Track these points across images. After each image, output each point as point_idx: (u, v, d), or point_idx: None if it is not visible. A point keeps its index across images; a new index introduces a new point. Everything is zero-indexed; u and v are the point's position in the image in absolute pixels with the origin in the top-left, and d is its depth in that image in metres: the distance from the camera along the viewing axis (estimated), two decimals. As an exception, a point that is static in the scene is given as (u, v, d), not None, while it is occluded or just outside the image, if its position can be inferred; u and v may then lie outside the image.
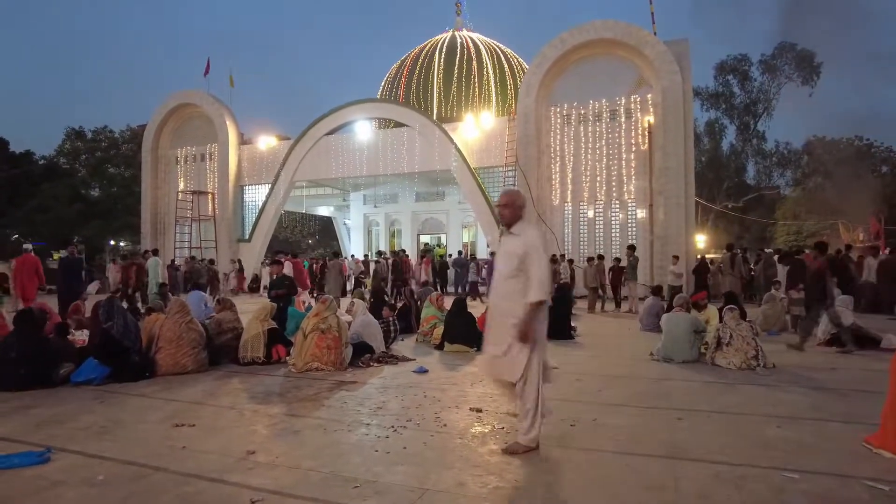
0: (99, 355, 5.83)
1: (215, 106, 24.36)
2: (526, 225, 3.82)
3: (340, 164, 22.96)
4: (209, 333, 6.82)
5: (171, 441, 3.96)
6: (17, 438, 4.01)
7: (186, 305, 6.59)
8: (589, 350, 8.18)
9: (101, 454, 3.67)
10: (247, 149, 24.77)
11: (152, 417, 4.61)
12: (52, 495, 3.05)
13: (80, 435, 4.12)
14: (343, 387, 5.71)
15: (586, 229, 18.83)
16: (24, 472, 3.37)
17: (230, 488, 3.13)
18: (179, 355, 6.16)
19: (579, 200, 18.84)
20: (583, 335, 9.48)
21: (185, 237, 24.35)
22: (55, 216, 35.44)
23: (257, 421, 4.50)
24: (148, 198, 25.60)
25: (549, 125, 19.09)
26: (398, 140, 22.00)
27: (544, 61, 18.79)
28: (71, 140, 41.48)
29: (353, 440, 4.00)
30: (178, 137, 25.68)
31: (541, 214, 18.66)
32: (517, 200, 3.83)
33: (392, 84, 28.45)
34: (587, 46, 18.50)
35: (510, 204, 3.79)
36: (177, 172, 25.58)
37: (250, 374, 6.37)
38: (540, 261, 3.61)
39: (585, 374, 6.33)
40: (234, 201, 24.37)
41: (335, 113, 22.88)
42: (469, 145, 20.61)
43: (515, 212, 3.79)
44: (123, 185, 39.18)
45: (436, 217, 28.24)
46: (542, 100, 19.02)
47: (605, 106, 18.44)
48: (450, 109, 26.13)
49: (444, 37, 28.82)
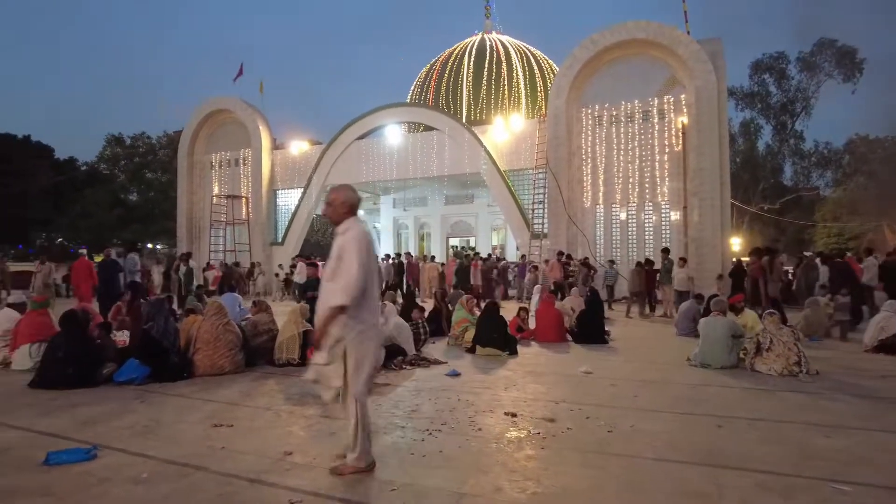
0: (140, 355, 5.99)
1: (248, 112, 24.83)
2: (351, 223, 3.41)
3: (371, 168, 23.17)
4: (245, 335, 6.94)
5: (210, 441, 4.03)
6: (65, 435, 4.14)
7: (223, 307, 6.71)
8: (623, 355, 8.05)
9: (145, 453, 3.76)
10: (280, 154, 25.18)
11: (191, 417, 4.70)
12: (100, 491, 3.13)
13: (124, 433, 4.23)
14: (376, 389, 5.72)
15: (619, 232, 18.57)
16: (73, 468, 3.48)
17: (268, 489, 3.17)
18: (217, 356, 6.29)
19: (611, 203, 18.60)
20: (616, 339, 9.34)
21: (219, 240, 24.84)
22: (97, 221, 36.62)
23: (293, 422, 4.55)
24: (184, 202, 26.21)
25: (580, 127, 18.91)
26: (428, 143, 22.09)
27: (575, 63, 18.63)
28: (111, 146, 42.84)
29: (388, 442, 4.01)
30: (213, 143, 26.24)
31: (572, 217, 18.49)
32: (339, 197, 3.46)
33: (422, 88, 28.61)
34: (619, 47, 18.28)
35: (331, 202, 3.46)
36: (211, 177, 26.14)
37: (285, 375, 6.46)
38: (350, 262, 3.22)
39: (620, 379, 6.24)
40: (267, 205, 24.78)
41: (365, 118, 23.09)
42: (499, 148, 20.56)
43: (337, 209, 3.44)
44: (160, 189, 40.25)
45: (465, 220, 28.23)
46: (573, 101, 18.86)
47: (638, 107, 18.17)
48: (479, 112, 26.13)
49: (473, 40, 28.85)
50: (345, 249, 3.28)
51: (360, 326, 3.29)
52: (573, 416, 4.69)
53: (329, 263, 3.38)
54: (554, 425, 4.42)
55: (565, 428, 4.34)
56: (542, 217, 19.26)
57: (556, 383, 6.09)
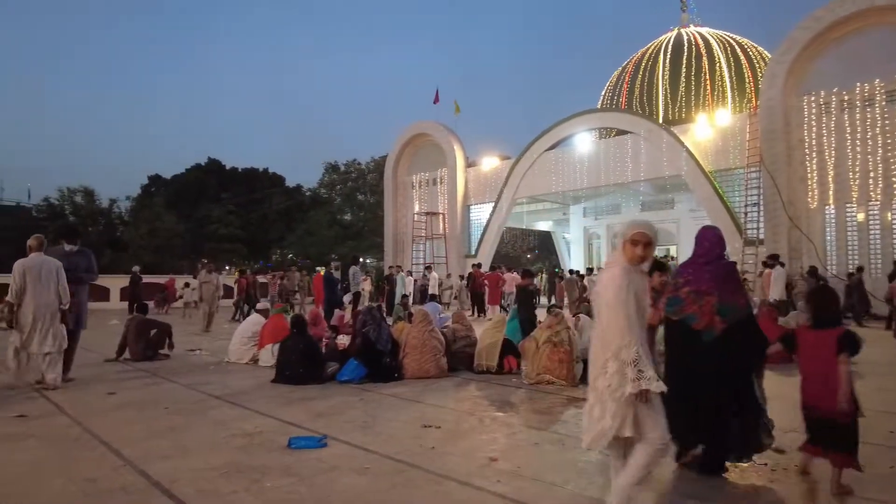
0: (360, 356, 6.64)
1: (444, 133, 26.39)
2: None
3: (560, 178, 23.01)
4: (447, 341, 7.30)
5: (421, 441, 4.28)
6: (301, 425, 4.73)
7: (430, 315, 7.17)
8: (873, 380, 6.76)
9: (366, 447, 4.12)
10: (472, 171, 26.33)
11: (403, 417, 5.05)
12: (331, 477, 3.50)
13: (347, 427, 4.69)
14: (576, 403, 5.58)
15: (856, 235, 15.81)
16: (309, 453, 3.94)
17: (477, 493, 3.24)
18: (423, 360, 6.71)
19: (845, 202, 15.92)
20: (866, 362, 7.86)
21: (419, 254, 26.71)
22: (318, 239, 41.85)
23: (496, 429, 4.63)
24: (390, 220, 28.72)
25: (802, 117, 16.58)
26: (621, 148, 21.25)
27: (793, 45, 16.44)
28: (329, 173, 48.71)
29: (593, 459, 3.86)
30: (414, 164, 28.40)
31: (793, 219, 16.23)
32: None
33: (613, 92, 27.70)
34: (850, 20, 15.68)
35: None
36: (413, 196, 28.27)
37: (485, 382, 6.63)
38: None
39: (869, 410, 5.21)
40: (461, 220, 26.03)
41: (556, 128, 23.04)
42: (702, 147, 18.95)
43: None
44: (370, 209, 44.64)
45: (664, 227, 26.42)
46: (791, 89, 16.63)
47: (880, 87, 15.37)
48: (677, 111, 24.44)
49: (668, 36, 27.16)
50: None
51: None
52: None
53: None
54: (784, 458, 3.86)
55: (798, 462, 3.76)
56: (757, 221, 17.22)
57: (784, 410, 5.32)
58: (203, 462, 3.75)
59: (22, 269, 6.09)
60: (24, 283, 6.07)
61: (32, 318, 6.05)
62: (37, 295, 6.07)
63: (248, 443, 4.22)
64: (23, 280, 6.07)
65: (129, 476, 3.50)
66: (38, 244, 6.30)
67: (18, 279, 6.06)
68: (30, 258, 6.19)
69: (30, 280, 6.08)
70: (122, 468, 3.65)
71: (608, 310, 2.71)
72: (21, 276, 6.07)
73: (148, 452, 3.95)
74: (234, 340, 8.42)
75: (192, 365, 8.15)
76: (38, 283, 6.09)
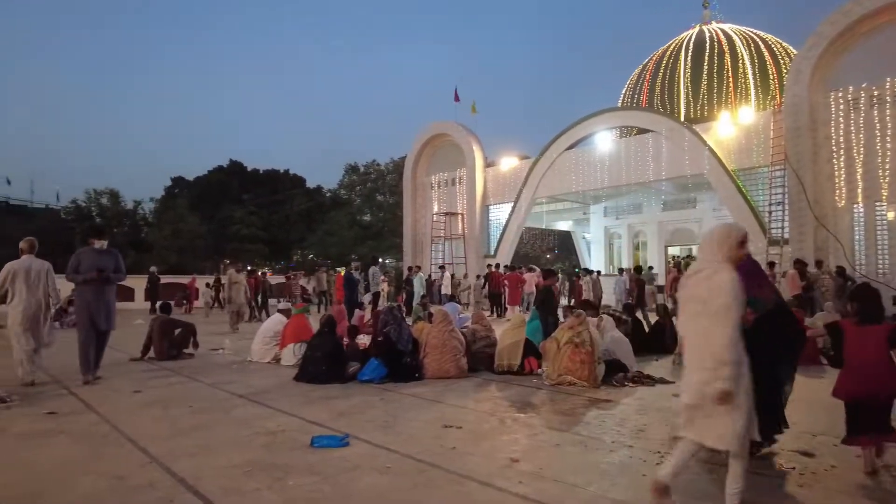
0: (381, 355, 6.66)
1: (463, 134, 26.35)
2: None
3: (580, 178, 22.82)
4: (467, 341, 7.29)
5: (441, 440, 4.28)
6: (323, 424, 4.76)
7: (450, 315, 7.16)
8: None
9: (387, 446, 4.13)
10: (491, 171, 26.24)
11: (424, 417, 5.06)
12: (353, 476, 3.52)
13: (368, 426, 4.71)
14: (597, 404, 5.55)
15: (886, 235, 15.41)
16: (332, 452, 3.97)
17: (499, 494, 3.23)
18: (443, 360, 6.71)
19: (875, 200, 15.53)
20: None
21: (438, 254, 26.71)
22: (338, 239, 42.12)
23: (517, 430, 4.61)
24: (409, 220, 28.77)
25: (829, 113, 16.21)
26: (642, 147, 21.00)
27: (820, 40, 16.08)
28: (349, 174, 49.00)
29: (615, 461, 3.82)
30: (433, 165, 28.41)
31: (820, 219, 15.89)
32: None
33: (633, 90, 27.42)
34: (880, 14, 15.28)
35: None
36: (431, 196, 28.28)
37: (505, 382, 6.61)
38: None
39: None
40: (480, 220, 25.96)
41: (576, 127, 22.83)
42: (725, 145, 18.65)
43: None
44: (389, 210, 44.79)
45: (686, 227, 26.09)
46: (817, 85, 16.27)
47: (911, 81, 14.98)
48: (699, 109, 24.12)
49: (689, 33, 26.81)
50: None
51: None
52: (836, 452, 3.95)
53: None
54: (813, 461, 3.78)
55: (828, 465, 3.69)
56: (782, 220, 16.90)
57: (813, 412, 5.22)
58: (227, 460, 3.80)
59: (11, 271, 6.26)
60: (5, 283, 6.22)
61: (21, 318, 6.22)
62: (26, 296, 6.24)
63: (271, 441, 4.27)
64: (6, 281, 6.23)
65: (156, 473, 3.56)
66: (30, 247, 6.47)
67: (5, 281, 6.24)
68: (20, 260, 6.36)
69: (19, 282, 6.24)
70: (148, 465, 3.72)
71: (715, 316, 2.70)
72: (8, 278, 6.24)
73: (173, 450, 4.02)
74: (257, 340, 8.52)
75: (215, 364, 8.26)
76: (27, 285, 6.25)
